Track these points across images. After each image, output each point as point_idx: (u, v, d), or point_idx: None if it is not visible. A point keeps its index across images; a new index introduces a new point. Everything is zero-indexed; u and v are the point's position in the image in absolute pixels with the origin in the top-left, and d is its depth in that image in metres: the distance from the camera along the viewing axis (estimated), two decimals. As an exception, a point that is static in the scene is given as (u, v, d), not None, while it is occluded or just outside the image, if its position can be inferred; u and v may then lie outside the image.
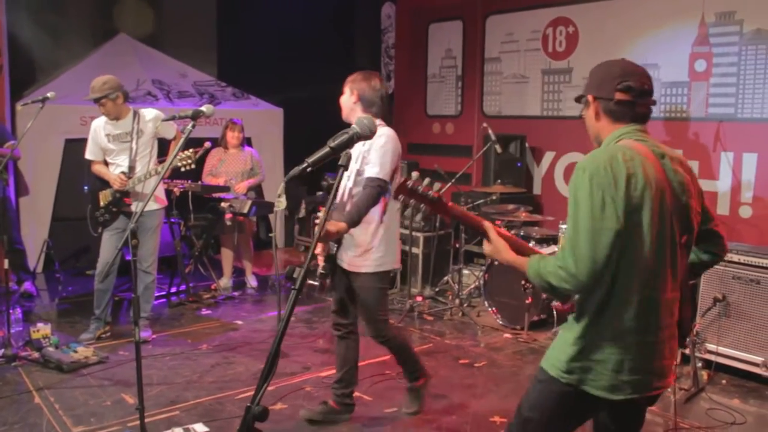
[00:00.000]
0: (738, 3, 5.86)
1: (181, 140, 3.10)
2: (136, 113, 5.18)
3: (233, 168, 6.70)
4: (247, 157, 6.80)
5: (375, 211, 3.69)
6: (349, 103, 3.82)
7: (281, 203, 2.05)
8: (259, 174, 6.83)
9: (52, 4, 7.99)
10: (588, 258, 2.03)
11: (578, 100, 2.41)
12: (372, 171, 3.63)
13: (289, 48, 9.09)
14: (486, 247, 2.34)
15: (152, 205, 5.22)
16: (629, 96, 2.22)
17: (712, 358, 4.81)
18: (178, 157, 4.73)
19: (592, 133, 2.36)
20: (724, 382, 4.77)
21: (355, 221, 3.53)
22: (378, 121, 3.63)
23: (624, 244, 2.06)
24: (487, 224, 2.34)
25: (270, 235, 5.49)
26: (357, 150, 3.72)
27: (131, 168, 5.13)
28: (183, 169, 4.79)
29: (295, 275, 1.73)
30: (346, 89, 3.84)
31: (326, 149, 1.88)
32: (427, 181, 2.27)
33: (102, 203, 5.22)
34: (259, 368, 4.90)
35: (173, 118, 3.64)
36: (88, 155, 5.29)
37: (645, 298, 2.13)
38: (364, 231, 3.73)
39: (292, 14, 9.11)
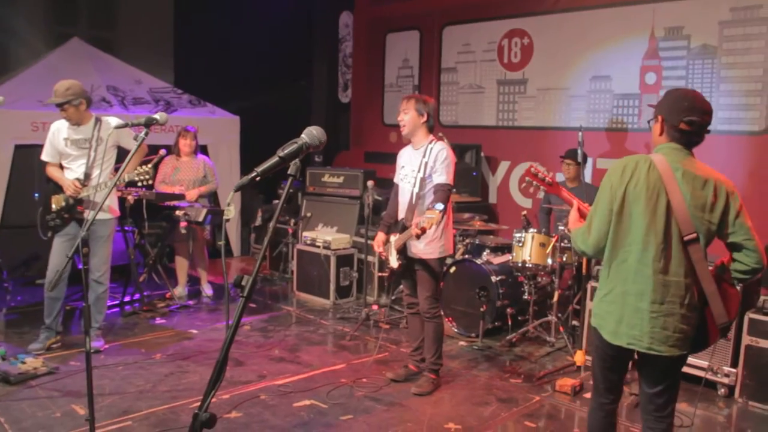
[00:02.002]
0: (685, 19, 6.05)
1: (134, 147, 3.07)
2: (98, 120, 5.06)
3: (186, 176, 6.63)
4: (200, 165, 6.73)
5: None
6: (418, 122, 4.57)
7: (230, 212, 2.06)
8: (212, 181, 6.76)
9: (2, 8, 7.82)
10: (596, 230, 2.84)
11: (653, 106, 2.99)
12: (441, 178, 4.47)
13: (246, 56, 9.07)
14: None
15: (104, 215, 5.10)
16: (690, 128, 2.78)
17: (661, 363, 4.92)
18: (136, 171, 4.65)
19: (652, 139, 2.94)
20: (672, 386, 4.88)
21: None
22: (431, 136, 4.62)
23: (622, 227, 2.79)
24: (573, 202, 3.23)
25: (219, 243, 5.45)
26: (416, 161, 4.57)
27: (87, 175, 5.00)
28: (140, 184, 4.70)
29: (243, 283, 1.74)
30: (413, 110, 4.56)
31: (275, 158, 1.89)
32: (544, 169, 3.47)
33: (54, 207, 5.08)
34: (213, 377, 4.84)
35: (126, 126, 3.60)
36: (44, 156, 5.15)
37: (638, 271, 2.77)
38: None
39: (250, 22, 9.09)
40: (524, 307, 5.85)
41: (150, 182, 4.68)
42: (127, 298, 6.42)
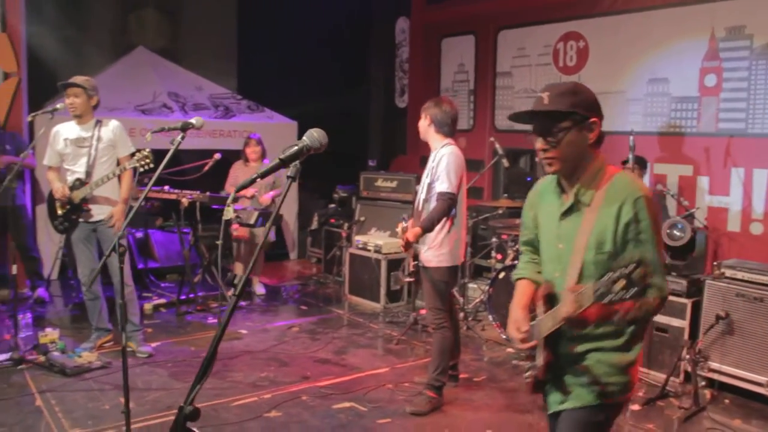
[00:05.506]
0: (748, 17, 5.80)
1: (170, 152, 3.16)
2: (99, 121, 5.13)
3: (257, 181, 6.83)
4: None
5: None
6: (424, 126, 4.47)
7: (229, 212, 2.12)
8: (280, 186, 6.96)
9: (74, 19, 8.20)
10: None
11: (561, 116, 2.21)
12: (442, 186, 4.27)
13: (306, 61, 9.23)
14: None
15: (108, 213, 5.12)
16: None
17: (715, 376, 4.74)
18: (135, 157, 4.67)
19: (577, 155, 2.25)
20: (727, 401, 4.68)
21: (428, 228, 4.25)
22: (447, 140, 4.43)
23: None
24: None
25: (217, 242, 5.53)
26: (428, 166, 4.44)
27: (88, 174, 5.04)
28: (141, 170, 4.69)
29: (235, 282, 1.79)
30: (422, 115, 4.48)
31: (276, 161, 1.95)
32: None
33: (59, 212, 5.16)
34: (258, 376, 4.96)
35: (162, 130, 3.70)
36: (45, 161, 5.23)
37: None
38: (435, 231, 4.32)
39: (310, 28, 9.23)
40: (574, 315, 5.71)
41: (151, 165, 4.61)
42: (182, 298, 6.60)
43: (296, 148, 1.90)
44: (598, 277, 2.01)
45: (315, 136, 1.94)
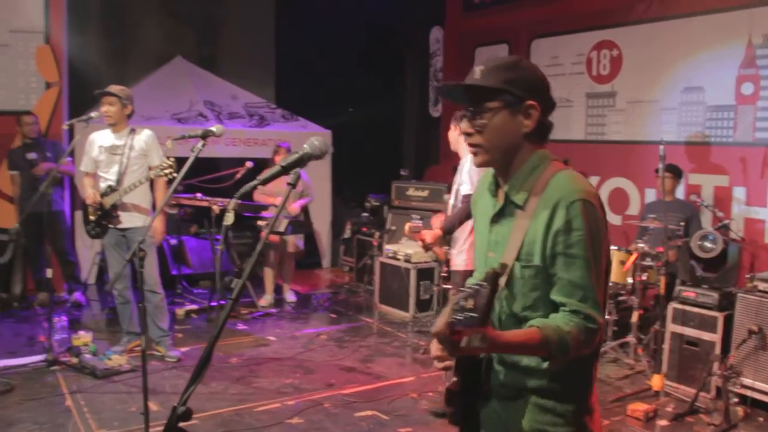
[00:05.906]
0: (787, 25, 5.67)
1: (190, 159, 3.21)
2: (132, 130, 5.22)
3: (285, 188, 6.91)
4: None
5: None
6: (454, 136, 4.61)
7: (229, 218, 2.15)
8: (308, 195, 7.01)
9: (115, 30, 8.44)
10: (603, 302, 1.79)
11: (490, 94, 1.81)
12: (465, 189, 4.34)
13: (341, 71, 9.31)
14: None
15: (137, 221, 5.20)
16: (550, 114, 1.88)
17: (748, 393, 4.60)
18: (159, 166, 4.71)
19: (508, 144, 1.84)
20: (761, 419, 4.54)
21: (448, 230, 4.30)
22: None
23: None
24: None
25: (218, 248, 5.57)
26: (457, 173, 4.52)
27: (119, 181, 5.13)
28: (166, 179, 4.75)
29: (232, 286, 1.82)
30: (452, 125, 4.62)
31: (278, 168, 1.98)
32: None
33: (92, 217, 5.27)
34: (282, 383, 5.00)
35: (183, 137, 3.77)
36: (82, 167, 5.37)
37: None
38: (460, 234, 4.42)
39: (346, 38, 9.32)
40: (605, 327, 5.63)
41: (174, 174, 4.61)
42: (213, 304, 6.68)
43: (297, 156, 1.93)
44: (523, 297, 1.76)
45: (316, 144, 1.97)
